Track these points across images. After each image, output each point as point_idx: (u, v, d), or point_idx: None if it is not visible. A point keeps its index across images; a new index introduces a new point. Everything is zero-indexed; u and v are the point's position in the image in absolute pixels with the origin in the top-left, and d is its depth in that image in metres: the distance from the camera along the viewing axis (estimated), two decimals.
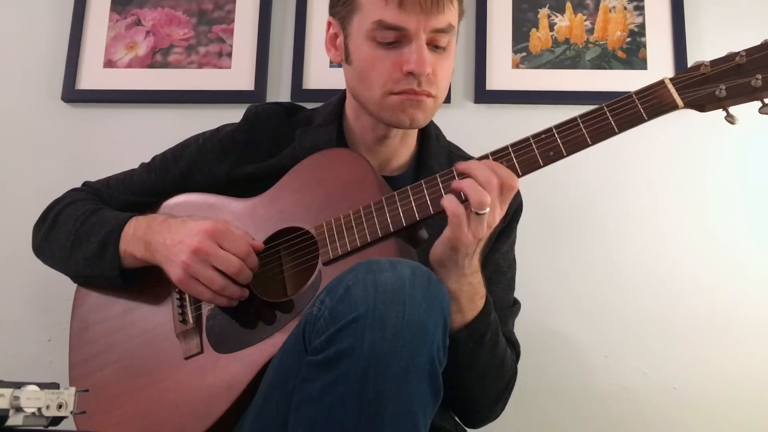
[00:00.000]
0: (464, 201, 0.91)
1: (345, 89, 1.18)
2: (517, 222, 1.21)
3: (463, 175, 0.93)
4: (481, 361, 1.02)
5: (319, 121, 1.17)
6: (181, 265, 0.99)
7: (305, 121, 1.18)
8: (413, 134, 1.17)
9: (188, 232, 1.01)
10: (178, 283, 1.01)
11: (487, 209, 0.89)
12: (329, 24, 1.12)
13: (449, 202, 0.91)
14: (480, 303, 1.00)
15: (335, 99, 1.19)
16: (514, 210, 1.19)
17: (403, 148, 1.16)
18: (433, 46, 1.03)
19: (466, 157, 1.20)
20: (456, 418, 1.15)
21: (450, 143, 1.23)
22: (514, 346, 1.14)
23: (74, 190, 1.26)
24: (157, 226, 1.06)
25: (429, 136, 1.18)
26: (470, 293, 0.98)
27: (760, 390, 1.50)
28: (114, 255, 1.09)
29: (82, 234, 1.13)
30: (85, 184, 1.28)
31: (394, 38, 1.01)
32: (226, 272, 0.99)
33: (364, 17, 1.03)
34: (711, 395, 1.50)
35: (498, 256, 1.16)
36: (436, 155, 1.17)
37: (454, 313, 0.96)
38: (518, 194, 1.18)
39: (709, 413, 1.50)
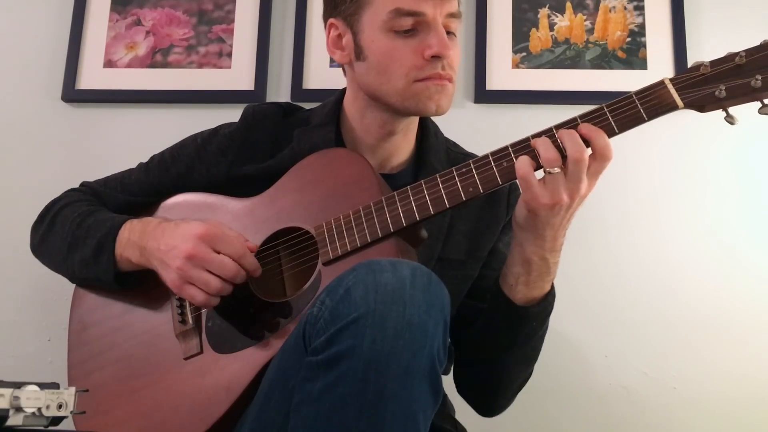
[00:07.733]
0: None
1: (341, 89, 1.18)
2: None
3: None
4: (534, 341, 1.07)
5: (317, 121, 1.16)
6: (176, 270, 0.99)
7: (303, 122, 1.18)
8: (414, 130, 1.17)
9: (182, 237, 1.00)
10: (173, 287, 1.01)
11: (557, 168, 0.89)
12: (330, 26, 1.11)
13: (519, 162, 0.92)
14: (548, 286, 1.03)
15: (332, 99, 1.19)
16: (516, 201, 1.19)
17: (404, 145, 1.16)
18: (447, 32, 1.05)
19: (464, 154, 1.21)
20: (455, 418, 1.15)
21: (447, 139, 1.23)
22: None
23: (72, 190, 1.26)
24: (152, 231, 1.06)
25: (428, 132, 1.18)
26: (542, 269, 0.99)
27: (760, 389, 1.50)
28: (109, 259, 1.09)
29: (79, 236, 1.13)
30: (83, 184, 1.28)
31: (412, 25, 1.03)
32: (222, 276, 0.98)
33: (377, 10, 1.04)
34: (711, 395, 1.51)
35: (501, 246, 1.17)
36: (435, 152, 1.17)
37: (521, 284, 1.00)
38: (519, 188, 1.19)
39: (709, 413, 1.50)
